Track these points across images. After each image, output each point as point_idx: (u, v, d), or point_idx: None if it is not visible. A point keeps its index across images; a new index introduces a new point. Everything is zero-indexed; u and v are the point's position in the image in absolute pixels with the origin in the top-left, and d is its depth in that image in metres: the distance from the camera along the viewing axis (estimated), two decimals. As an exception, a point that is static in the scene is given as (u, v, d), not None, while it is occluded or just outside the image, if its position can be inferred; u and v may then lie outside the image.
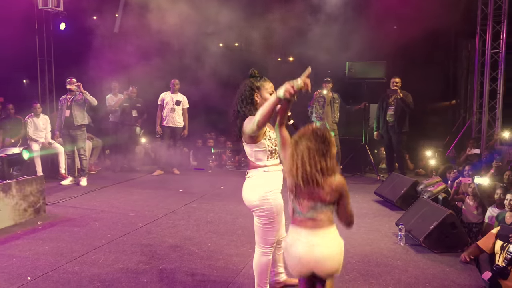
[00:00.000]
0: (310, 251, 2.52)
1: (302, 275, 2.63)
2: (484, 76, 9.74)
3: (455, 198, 6.25)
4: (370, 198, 6.99)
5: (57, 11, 9.38)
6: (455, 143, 10.09)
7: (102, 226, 5.38)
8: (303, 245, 2.54)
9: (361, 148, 9.08)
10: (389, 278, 3.94)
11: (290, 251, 2.61)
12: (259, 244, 3.24)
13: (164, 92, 8.88)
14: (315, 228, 2.56)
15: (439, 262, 4.34)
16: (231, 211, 6.14)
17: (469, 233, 5.89)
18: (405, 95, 8.06)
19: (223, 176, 8.81)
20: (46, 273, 3.92)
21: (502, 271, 3.84)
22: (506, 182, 6.00)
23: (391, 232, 5.21)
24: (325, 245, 2.54)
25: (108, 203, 6.57)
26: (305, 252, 2.53)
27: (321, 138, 2.61)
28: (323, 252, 2.52)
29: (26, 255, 4.36)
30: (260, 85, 3.20)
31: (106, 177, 8.63)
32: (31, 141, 8.24)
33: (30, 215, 5.65)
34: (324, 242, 2.54)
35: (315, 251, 2.52)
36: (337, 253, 2.58)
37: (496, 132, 9.45)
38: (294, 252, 2.58)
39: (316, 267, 2.55)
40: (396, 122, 8.14)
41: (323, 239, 2.54)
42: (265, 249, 3.23)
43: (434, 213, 4.82)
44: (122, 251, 4.50)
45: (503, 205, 5.12)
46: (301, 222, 2.59)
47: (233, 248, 4.64)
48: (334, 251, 2.56)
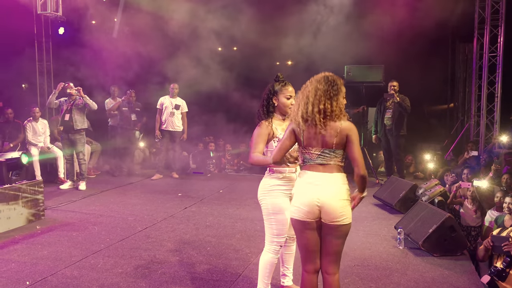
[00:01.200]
0: (315, 190, 2.73)
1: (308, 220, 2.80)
2: (482, 79, 9.78)
3: (454, 201, 6.26)
4: (369, 201, 6.99)
5: (56, 16, 9.40)
6: (453, 146, 10.11)
7: (101, 230, 5.38)
8: (308, 184, 2.76)
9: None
10: (388, 281, 3.94)
11: (296, 191, 2.84)
12: (266, 240, 3.38)
13: (163, 96, 8.90)
14: (323, 171, 2.76)
15: (438, 265, 4.34)
16: (230, 215, 6.14)
17: (467, 236, 5.91)
18: (402, 99, 8.12)
19: (222, 180, 8.81)
20: (44, 278, 3.92)
21: (500, 273, 3.86)
22: (504, 185, 6.01)
23: (390, 236, 5.21)
24: (329, 186, 2.73)
25: (107, 207, 6.56)
26: (310, 190, 2.74)
27: (331, 82, 2.78)
28: (326, 192, 2.72)
29: (25, 260, 4.35)
30: (279, 89, 3.32)
31: (105, 181, 8.62)
32: (30, 146, 8.24)
33: (29, 219, 5.64)
34: (329, 183, 2.73)
35: (319, 190, 2.72)
36: (340, 197, 2.75)
37: (494, 136, 9.47)
38: (300, 191, 2.80)
39: (321, 208, 2.74)
40: (394, 125, 8.19)
41: (328, 181, 2.73)
42: (268, 246, 3.34)
43: (433, 217, 4.83)
44: (121, 256, 4.50)
45: (502, 208, 5.13)
46: (311, 167, 2.80)
47: (232, 252, 4.63)
48: (338, 194, 2.75)
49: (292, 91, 3.34)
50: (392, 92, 8.11)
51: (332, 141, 2.71)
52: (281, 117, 3.36)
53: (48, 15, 9.37)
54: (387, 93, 8.24)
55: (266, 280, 3.39)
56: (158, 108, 8.85)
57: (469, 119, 10.49)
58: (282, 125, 3.34)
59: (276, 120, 3.34)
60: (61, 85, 7.75)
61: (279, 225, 3.30)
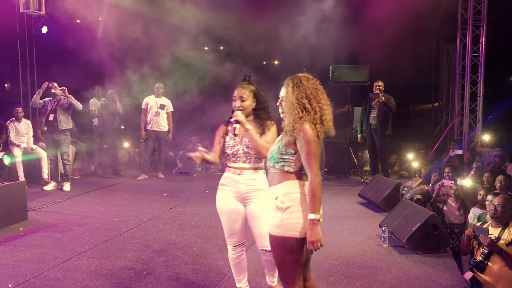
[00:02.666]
0: None
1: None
2: (465, 79, 9.93)
3: (437, 199, 6.34)
4: (354, 200, 7.05)
5: (39, 15, 9.27)
6: (437, 145, 10.25)
7: (85, 231, 5.33)
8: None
9: (345, 150, 9.16)
10: (373, 279, 3.98)
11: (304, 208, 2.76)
12: None
13: (148, 96, 8.84)
14: None
15: (422, 263, 4.40)
16: (216, 215, 6.05)
17: (451, 234, 5.97)
18: (387, 98, 8.20)
19: (208, 180, 8.80)
20: (28, 280, 3.87)
21: (478, 265, 3.95)
22: (485, 183, 6.10)
23: (375, 234, 5.27)
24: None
25: (91, 208, 6.51)
26: None
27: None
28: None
29: (7, 262, 4.29)
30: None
31: (90, 182, 8.54)
32: (12, 146, 8.11)
33: (12, 221, 5.55)
34: None
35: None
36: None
37: (477, 135, 9.62)
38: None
39: None
40: (379, 125, 8.26)
41: None
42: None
43: (416, 215, 4.89)
44: (106, 257, 4.46)
45: (485, 205, 5.21)
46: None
47: (217, 252, 4.63)
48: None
49: (239, 92, 3.27)
50: (377, 92, 8.19)
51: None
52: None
53: (31, 13, 9.24)
54: (372, 92, 8.31)
55: (236, 277, 3.50)
56: (143, 108, 8.80)
57: (453, 118, 10.64)
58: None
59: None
60: (45, 85, 7.66)
61: (225, 224, 3.41)
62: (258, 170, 3.30)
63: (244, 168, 3.27)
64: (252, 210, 3.29)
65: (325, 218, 6.01)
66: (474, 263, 4.02)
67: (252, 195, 3.27)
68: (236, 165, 3.29)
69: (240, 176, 3.28)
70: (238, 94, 3.27)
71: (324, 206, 6.93)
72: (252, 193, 3.27)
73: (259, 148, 3.17)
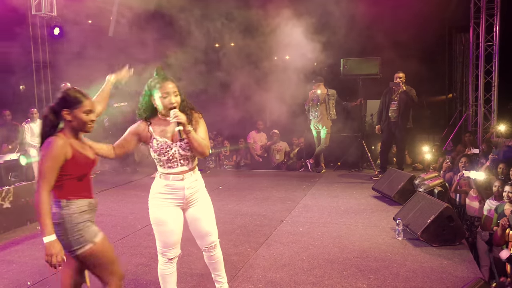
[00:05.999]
0: None
1: None
2: (479, 69, 9.78)
3: (458, 190, 6.27)
4: (368, 193, 7.01)
5: (51, 16, 9.39)
6: (452, 137, 10.12)
7: (101, 229, 5.35)
8: None
9: (358, 144, 9.10)
10: (388, 272, 3.96)
11: None
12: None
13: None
14: None
15: (437, 255, 4.36)
16: (230, 210, 6.16)
17: (471, 226, 5.92)
18: (408, 89, 8.00)
19: (221, 176, 8.82)
20: (45, 278, 3.94)
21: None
22: (500, 174, 6.02)
23: (389, 227, 5.24)
24: None
25: (107, 206, 6.58)
26: None
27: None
28: None
29: (26, 261, 4.38)
30: (155, 86, 2.94)
31: (105, 180, 8.63)
32: (28, 147, 8.24)
33: (29, 220, 5.66)
34: None
35: None
36: None
37: (492, 125, 9.48)
38: None
39: None
40: (400, 118, 7.98)
41: None
42: (158, 256, 3.14)
43: (431, 207, 4.85)
44: (121, 254, 4.52)
45: (501, 197, 5.14)
46: None
47: (231, 247, 4.65)
48: None
49: (170, 87, 2.90)
50: (398, 82, 8.01)
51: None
52: (165, 118, 2.97)
53: (43, 15, 9.36)
54: (393, 82, 8.12)
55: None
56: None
57: (467, 109, 10.50)
58: (166, 128, 2.98)
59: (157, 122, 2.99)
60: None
61: (161, 235, 3.08)
62: (195, 169, 3.11)
63: (184, 171, 3.00)
64: (195, 213, 3.11)
65: (339, 212, 6.05)
66: (508, 256, 3.97)
67: (194, 197, 3.08)
68: (175, 170, 2.98)
69: (183, 182, 3.00)
70: (170, 90, 2.89)
71: (338, 200, 6.95)
72: (195, 194, 3.08)
73: (203, 149, 2.96)
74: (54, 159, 2.50)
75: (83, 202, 2.65)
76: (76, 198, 2.62)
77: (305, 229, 5.23)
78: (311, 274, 3.96)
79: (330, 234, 5.05)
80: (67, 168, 2.56)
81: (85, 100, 2.63)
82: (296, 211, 6.08)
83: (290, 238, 4.93)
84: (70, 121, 2.61)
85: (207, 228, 3.17)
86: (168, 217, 3.03)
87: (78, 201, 2.62)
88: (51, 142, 2.51)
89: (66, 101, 2.60)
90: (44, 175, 2.48)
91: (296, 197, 6.83)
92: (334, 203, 6.44)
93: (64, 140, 2.56)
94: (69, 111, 2.60)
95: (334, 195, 6.97)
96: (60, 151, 2.51)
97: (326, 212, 5.99)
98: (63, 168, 2.55)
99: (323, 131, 8.72)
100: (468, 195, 6.05)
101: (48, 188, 2.49)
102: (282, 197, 6.92)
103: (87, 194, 2.69)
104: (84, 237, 2.62)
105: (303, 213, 5.95)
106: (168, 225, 3.03)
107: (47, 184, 2.48)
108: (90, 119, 2.65)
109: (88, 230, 2.64)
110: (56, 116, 2.62)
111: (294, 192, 7.20)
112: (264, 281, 3.84)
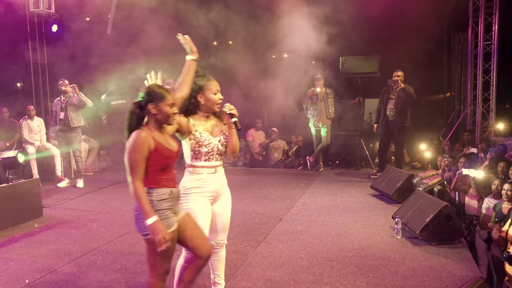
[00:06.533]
0: None
1: None
2: (477, 68, 9.79)
3: (456, 188, 6.27)
4: (366, 192, 7.01)
5: (49, 13, 9.34)
6: (450, 136, 10.13)
7: (99, 227, 5.38)
8: None
9: (357, 142, 9.11)
10: (386, 271, 3.96)
11: None
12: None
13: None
14: None
15: (436, 254, 4.36)
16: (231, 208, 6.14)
17: (469, 225, 5.93)
18: (407, 87, 7.96)
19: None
20: (44, 276, 3.93)
21: (511, 258, 3.90)
22: (500, 173, 6.03)
23: (388, 226, 5.24)
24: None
25: (105, 204, 6.57)
26: None
27: None
28: None
29: (24, 258, 4.36)
30: (204, 84, 3.09)
31: (103, 178, 8.61)
32: (26, 144, 8.20)
33: (27, 218, 5.64)
34: None
35: None
36: None
37: (490, 124, 9.49)
38: None
39: None
40: (397, 116, 7.95)
41: None
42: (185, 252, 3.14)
43: (430, 206, 4.85)
44: (120, 252, 4.51)
45: (500, 195, 5.15)
46: None
47: (230, 246, 4.62)
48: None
49: (217, 85, 3.13)
50: (396, 79, 7.97)
51: None
52: (205, 114, 3.14)
53: (41, 12, 9.31)
54: (391, 79, 8.09)
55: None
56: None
57: (465, 108, 10.51)
58: (206, 124, 3.13)
59: (198, 118, 3.11)
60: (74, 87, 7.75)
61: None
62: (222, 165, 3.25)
63: (217, 165, 3.16)
64: (220, 207, 3.23)
65: (338, 210, 6.05)
66: (507, 256, 3.97)
67: (221, 191, 3.22)
68: (210, 163, 3.11)
69: (214, 175, 3.14)
70: (217, 87, 3.12)
71: (336, 198, 6.95)
72: (223, 189, 3.24)
73: (237, 145, 3.18)
74: (139, 151, 2.67)
75: (165, 191, 2.78)
76: (158, 187, 2.76)
77: (303, 227, 5.23)
78: (310, 272, 3.95)
79: (329, 232, 5.05)
80: (151, 159, 2.72)
81: (168, 95, 2.79)
82: (295, 209, 6.08)
83: (289, 236, 4.92)
84: (155, 115, 2.77)
85: (226, 224, 3.29)
86: (207, 212, 3.11)
87: (159, 190, 2.76)
88: (135, 135, 2.69)
89: (152, 96, 2.77)
90: (133, 166, 2.67)
91: (294, 195, 6.83)
92: (332, 202, 6.44)
93: (147, 133, 2.71)
94: (154, 105, 2.75)
95: (332, 193, 6.97)
96: (143, 143, 2.68)
97: (324, 210, 5.99)
98: (147, 159, 2.71)
99: (323, 129, 8.74)
100: (467, 194, 6.05)
101: (139, 178, 2.69)
102: (281, 195, 6.91)
103: (169, 184, 2.82)
104: None
105: (301, 211, 5.95)
106: (206, 220, 3.10)
107: (137, 174, 2.68)
108: (174, 111, 2.80)
109: (163, 219, 2.73)
110: (142, 111, 2.78)
111: (293, 190, 7.20)
112: (263, 279, 3.83)
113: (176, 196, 2.88)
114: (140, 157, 2.67)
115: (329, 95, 8.74)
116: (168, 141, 2.83)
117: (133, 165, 2.67)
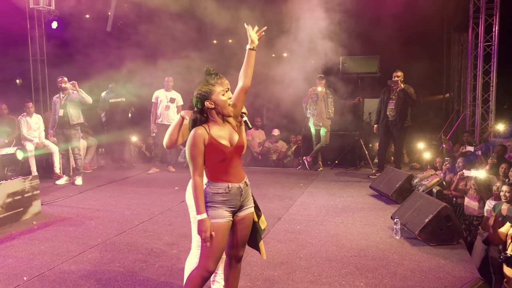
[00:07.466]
0: None
1: None
2: (477, 69, 9.78)
3: (458, 189, 6.27)
4: (365, 192, 7.01)
5: (49, 10, 9.32)
6: (449, 136, 10.13)
7: (98, 225, 5.37)
8: None
9: (356, 142, 9.10)
10: (385, 271, 3.96)
11: None
12: (193, 244, 3.25)
13: (158, 90, 8.85)
14: None
15: (435, 254, 4.36)
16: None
17: (469, 226, 5.93)
18: (407, 87, 7.95)
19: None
20: (42, 273, 3.92)
21: (508, 260, 3.90)
22: (501, 174, 6.02)
23: (387, 226, 5.23)
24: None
25: (103, 202, 6.56)
26: None
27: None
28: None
29: (22, 256, 4.35)
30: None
31: (102, 176, 8.60)
32: (25, 141, 8.18)
33: (25, 215, 5.62)
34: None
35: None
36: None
37: (490, 125, 9.49)
38: None
39: None
40: (398, 116, 7.93)
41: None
42: (195, 250, 3.16)
43: (429, 206, 4.85)
44: (118, 250, 4.50)
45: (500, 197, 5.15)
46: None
47: (229, 244, 4.63)
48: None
49: (228, 84, 3.01)
50: (396, 80, 7.96)
51: None
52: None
53: (41, 9, 9.30)
54: (391, 80, 8.07)
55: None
56: (153, 102, 8.80)
57: (465, 109, 10.51)
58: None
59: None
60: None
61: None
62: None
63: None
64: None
65: (337, 210, 6.05)
66: (504, 257, 3.97)
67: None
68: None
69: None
70: (226, 86, 2.95)
71: (335, 198, 6.95)
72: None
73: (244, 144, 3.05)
74: (195, 147, 2.77)
75: (221, 185, 2.82)
76: (215, 181, 2.83)
77: (302, 227, 5.22)
78: (309, 272, 3.95)
79: (327, 232, 5.04)
80: (207, 153, 2.80)
81: (215, 85, 2.88)
82: (294, 208, 6.08)
83: (288, 236, 4.92)
84: (214, 108, 2.84)
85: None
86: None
87: (216, 184, 2.83)
88: (192, 132, 2.80)
89: (203, 95, 2.84)
90: (192, 162, 2.78)
91: (293, 195, 6.82)
92: (331, 201, 6.44)
93: (202, 130, 2.79)
94: (210, 100, 2.83)
95: (331, 193, 6.97)
96: (198, 139, 2.77)
97: (323, 210, 5.98)
98: (205, 154, 2.80)
99: (323, 129, 8.74)
100: (467, 195, 6.05)
101: (199, 173, 2.78)
102: (280, 194, 6.91)
103: (229, 178, 2.85)
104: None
105: (300, 211, 5.95)
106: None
107: (197, 169, 2.78)
108: (228, 96, 2.87)
109: (212, 210, 2.81)
110: (202, 113, 2.86)
111: (292, 190, 7.20)
112: (262, 278, 3.83)
113: (236, 191, 2.85)
114: (196, 152, 2.76)
115: (329, 95, 8.75)
116: (227, 135, 2.86)
117: (191, 159, 2.77)
